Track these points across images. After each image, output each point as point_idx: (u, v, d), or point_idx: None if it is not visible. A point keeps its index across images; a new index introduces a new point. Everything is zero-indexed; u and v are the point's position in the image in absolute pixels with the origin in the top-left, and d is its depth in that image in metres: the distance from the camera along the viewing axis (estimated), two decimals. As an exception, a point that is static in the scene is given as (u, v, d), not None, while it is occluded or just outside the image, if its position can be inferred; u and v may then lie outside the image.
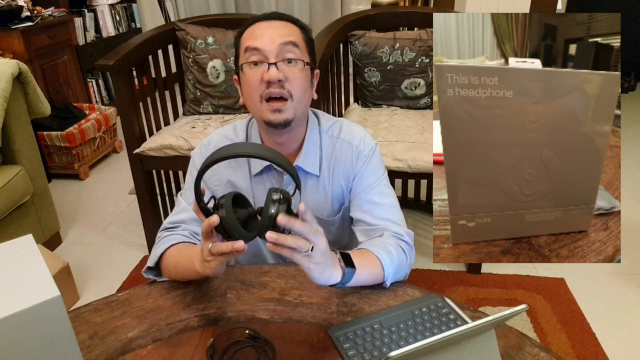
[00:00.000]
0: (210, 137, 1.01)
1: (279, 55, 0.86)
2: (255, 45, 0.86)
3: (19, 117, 1.87)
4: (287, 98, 0.86)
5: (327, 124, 0.99)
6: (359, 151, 0.97)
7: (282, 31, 0.87)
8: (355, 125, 1.02)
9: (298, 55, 0.87)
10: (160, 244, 0.90)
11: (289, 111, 0.87)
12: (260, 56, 0.86)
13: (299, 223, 0.65)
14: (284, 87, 0.86)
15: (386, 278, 0.85)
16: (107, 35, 3.73)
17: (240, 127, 1.00)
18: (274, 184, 0.97)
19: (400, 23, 2.13)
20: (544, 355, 0.72)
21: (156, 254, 0.89)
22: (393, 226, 0.93)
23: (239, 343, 0.75)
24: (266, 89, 0.86)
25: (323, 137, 0.98)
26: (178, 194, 1.00)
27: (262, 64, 0.86)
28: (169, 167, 1.92)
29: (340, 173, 0.98)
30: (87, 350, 0.74)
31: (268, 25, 0.88)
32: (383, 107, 2.09)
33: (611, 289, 1.84)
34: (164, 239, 0.91)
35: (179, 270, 0.85)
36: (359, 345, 0.73)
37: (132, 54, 1.82)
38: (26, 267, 0.59)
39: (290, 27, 0.89)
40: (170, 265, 0.87)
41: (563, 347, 1.56)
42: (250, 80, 0.87)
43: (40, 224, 2.00)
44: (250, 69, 0.87)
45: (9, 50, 2.70)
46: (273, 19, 0.90)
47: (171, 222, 0.95)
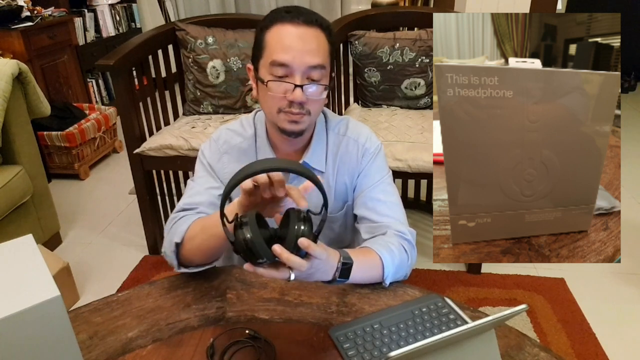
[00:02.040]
0: (218, 132, 1.01)
1: (304, 75, 0.86)
2: (283, 61, 0.85)
3: (19, 117, 1.87)
4: (305, 114, 0.88)
5: (334, 122, 1.01)
6: (365, 149, 0.99)
7: (312, 47, 0.86)
8: (361, 124, 1.03)
9: (323, 78, 0.88)
10: (183, 221, 0.88)
11: (304, 123, 0.90)
12: (287, 71, 0.86)
13: (319, 249, 0.65)
14: (303, 107, 0.87)
15: (386, 277, 0.85)
16: (107, 35, 3.73)
17: (247, 122, 1.01)
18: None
19: (400, 23, 2.13)
20: (544, 355, 0.72)
21: (182, 230, 0.86)
22: (397, 224, 0.94)
23: (239, 343, 0.75)
24: (288, 106, 0.87)
25: (330, 134, 1.00)
26: (188, 180, 1.00)
27: (287, 81, 0.86)
28: (169, 167, 1.92)
29: (346, 170, 0.99)
30: (87, 350, 0.74)
31: (297, 34, 0.85)
32: (383, 107, 2.09)
33: (611, 289, 1.84)
34: (182, 218, 0.89)
35: (211, 243, 0.81)
36: (359, 345, 0.73)
37: (132, 54, 1.82)
38: (26, 267, 0.59)
39: (318, 39, 0.87)
40: (197, 240, 0.83)
41: (563, 347, 1.56)
42: (273, 92, 0.87)
43: (40, 224, 2.00)
44: (275, 83, 0.87)
45: (9, 50, 2.70)
46: (300, 21, 0.86)
47: (187, 204, 0.93)
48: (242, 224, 0.63)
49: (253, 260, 0.64)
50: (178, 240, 0.85)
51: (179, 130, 1.88)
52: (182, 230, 0.86)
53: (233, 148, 0.99)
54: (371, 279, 0.85)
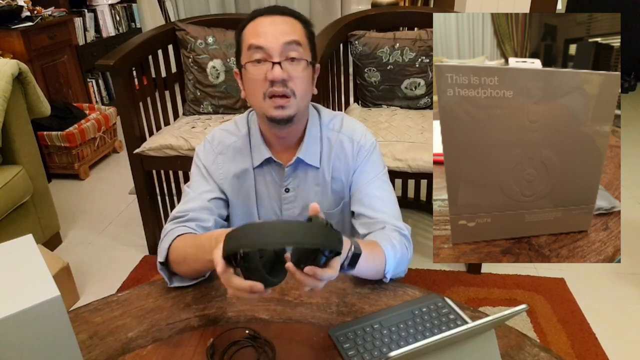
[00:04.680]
0: (212, 133, 1.01)
1: (282, 54, 0.86)
2: (258, 44, 0.86)
3: (19, 117, 1.87)
4: (289, 96, 0.87)
5: (328, 118, 1.01)
6: (360, 146, 0.98)
7: (285, 28, 0.87)
8: (355, 121, 1.03)
9: (301, 54, 0.88)
10: (167, 238, 0.89)
11: (292, 108, 0.88)
12: (264, 54, 0.86)
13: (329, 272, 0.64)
14: (287, 86, 0.86)
15: (387, 271, 0.85)
16: (107, 35, 3.73)
17: (241, 122, 1.01)
18: (274, 176, 0.99)
19: (400, 23, 2.13)
20: (544, 355, 0.72)
21: (164, 248, 0.87)
22: (392, 219, 0.94)
23: (239, 343, 0.75)
24: (270, 87, 0.86)
25: (324, 130, 1.00)
26: (185, 185, 1.00)
27: (266, 62, 0.86)
28: (169, 167, 1.92)
29: (341, 167, 0.99)
30: (87, 350, 0.74)
31: (271, 21, 0.88)
32: (383, 107, 2.09)
33: (611, 289, 1.84)
34: (169, 232, 0.90)
35: (189, 263, 0.83)
36: (359, 345, 0.73)
37: (132, 54, 1.82)
38: (26, 267, 0.59)
39: (292, 24, 0.89)
40: (180, 258, 0.85)
41: (563, 347, 1.56)
42: (254, 78, 0.87)
43: (40, 224, 2.00)
44: (254, 66, 0.87)
45: (9, 50, 2.69)
46: (275, 13, 0.89)
47: (179, 212, 0.94)
48: (247, 269, 0.63)
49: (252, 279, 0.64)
50: (161, 259, 0.87)
51: (179, 130, 1.88)
52: (164, 247, 0.87)
53: (228, 148, 0.99)
54: (374, 272, 0.85)
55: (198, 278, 0.88)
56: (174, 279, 0.88)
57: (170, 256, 0.87)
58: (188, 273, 0.86)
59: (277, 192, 1.01)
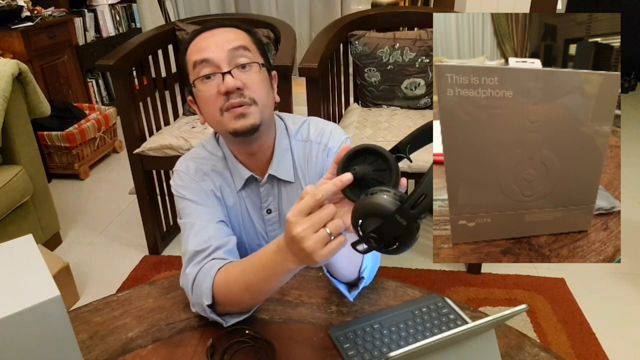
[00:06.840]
0: (184, 164, 0.92)
1: (231, 62, 0.81)
2: (203, 57, 0.80)
3: (19, 117, 1.87)
4: (250, 104, 0.81)
5: (295, 126, 0.96)
6: (328, 148, 0.94)
7: (228, 37, 0.83)
8: (324, 122, 0.98)
9: (251, 59, 0.83)
10: (204, 278, 0.77)
11: (254, 115, 0.82)
12: (212, 67, 0.81)
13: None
14: (244, 95, 0.80)
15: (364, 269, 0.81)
16: (107, 35, 3.73)
17: (211, 146, 0.94)
18: (253, 198, 0.94)
19: (400, 23, 2.13)
20: (544, 355, 0.72)
21: (207, 288, 0.75)
22: None
23: (239, 343, 0.75)
24: (226, 101, 0.80)
25: (293, 141, 0.94)
26: (180, 221, 0.89)
27: (216, 76, 0.80)
28: (169, 167, 1.91)
29: (313, 175, 0.95)
30: (87, 350, 0.74)
31: (211, 34, 0.84)
32: (383, 107, 2.09)
33: (611, 289, 1.84)
34: (201, 272, 0.78)
35: (252, 292, 0.73)
36: (359, 345, 0.73)
37: (132, 54, 1.82)
38: (26, 267, 0.59)
39: (235, 32, 0.85)
40: (236, 290, 0.74)
41: (563, 347, 1.56)
42: (206, 95, 0.81)
43: (40, 224, 2.00)
44: (204, 83, 0.81)
45: (9, 50, 2.69)
46: (215, 27, 0.85)
47: (197, 245, 0.81)
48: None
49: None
50: (208, 302, 0.76)
51: (179, 130, 1.88)
52: (206, 288, 0.76)
53: (206, 174, 0.91)
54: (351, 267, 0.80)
55: (255, 306, 0.80)
56: (225, 318, 0.78)
57: (218, 296, 0.76)
58: (248, 303, 0.77)
59: (260, 215, 0.95)
